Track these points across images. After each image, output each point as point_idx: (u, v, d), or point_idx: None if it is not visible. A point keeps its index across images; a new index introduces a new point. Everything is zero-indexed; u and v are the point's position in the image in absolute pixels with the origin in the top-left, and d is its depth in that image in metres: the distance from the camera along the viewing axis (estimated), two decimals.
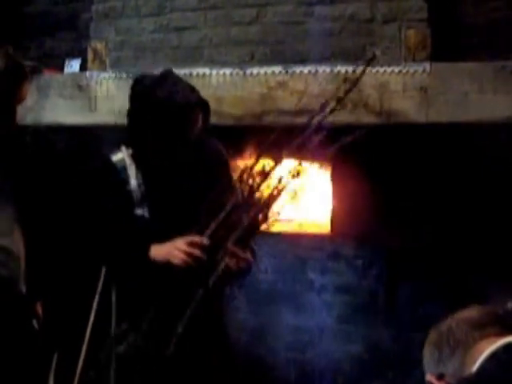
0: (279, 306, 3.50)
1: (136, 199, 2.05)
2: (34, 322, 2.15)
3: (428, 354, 1.28)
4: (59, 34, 3.89)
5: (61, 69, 3.48)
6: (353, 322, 3.40)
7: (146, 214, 2.05)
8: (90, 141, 3.40)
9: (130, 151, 2.09)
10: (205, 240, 1.96)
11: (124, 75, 3.10)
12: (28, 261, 2.12)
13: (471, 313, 1.29)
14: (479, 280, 3.07)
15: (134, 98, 2.07)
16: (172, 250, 1.98)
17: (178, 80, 2.08)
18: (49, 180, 3.54)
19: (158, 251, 2.01)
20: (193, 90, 2.06)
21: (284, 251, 3.34)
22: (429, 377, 1.26)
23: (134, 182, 2.06)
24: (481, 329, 1.23)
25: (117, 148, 2.11)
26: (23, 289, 2.07)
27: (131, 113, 2.09)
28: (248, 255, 2.04)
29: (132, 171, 2.07)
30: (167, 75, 2.07)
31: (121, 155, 2.09)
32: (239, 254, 2.00)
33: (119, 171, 2.07)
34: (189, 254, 1.95)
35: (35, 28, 3.90)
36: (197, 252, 1.95)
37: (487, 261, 3.03)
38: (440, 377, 1.23)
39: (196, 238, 1.97)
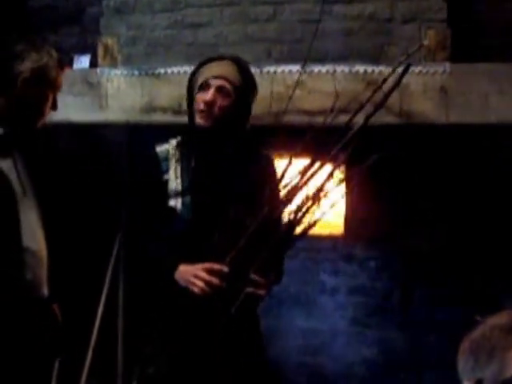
0: (291, 308, 3.56)
1: (170, 190, 2.10)
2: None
3: (462, 363, 1.34)
4: (63, 29, 3.93)
5: (68, 64, 3.52)
6: (366, 325, 3.47)
7: (179, 206, 2.09)
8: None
9: (178, 141, 2.18)
10: (224, 268, 1.99)
11: (136, 72, 3.12)
12: (50, 263, 2.16)
13: (502, 318, 1.37)
14: (496, 283, 3.16)
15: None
16: (191, 279, 2.01)
17: None
18: (69, 180, 3.60)
19: (182, 275, 2.05)
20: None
21: (296, 252, 3.41)
22: (466, 383, 1.33)
23: (171, 173, 2.12)
24: None
25: (170, 138, 2.20)
26: (46, 292, 2.08)
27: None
28: (270, 278, 2.07)
29: (172, 162, 2.14)
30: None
31: (166, 146, 2.17)
32: (260, 282, 2.02)
33: (160, 161, 2.15)
34: (208, 283, 1.99)
35: (39, 22, 3.94)
36: (216, 281, 1.98)
37: (504, 263, 3.11)
38: (478, 382, 1.31)
39: (216, 266, 2.00)
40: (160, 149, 2.18)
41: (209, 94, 2.04)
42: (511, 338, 1.31)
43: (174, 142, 2.19)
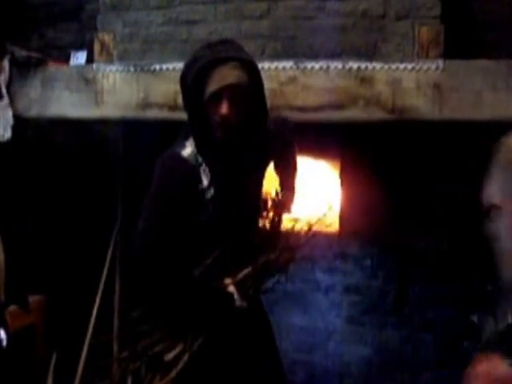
0: (286, 307, 3.61)
1: (205, 201, 2.04)
2: (1, 330, 2.17)
3: (499, 177, 1.28)
4: (62, 25, 4.01)
5: (64, 60, 3.59)
6: (361, 323, 3.52)
7: (210, 219, 2.05)
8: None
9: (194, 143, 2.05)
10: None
11: (131, 68, 3.20)
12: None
13: None
14: (491, 282, 3.18)
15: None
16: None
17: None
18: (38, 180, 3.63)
19: None
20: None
21: None
22: (499, 201, 1.28)
23: (205, 181, 2.04)
24: None
25: (183, 140, 2.07)
26: (2, 298, 2.11)
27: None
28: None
29: (203, 168, 2.04)
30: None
31: (190, 149, 2.05)
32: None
33: (192, 168, 2.03)
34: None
35: (37, 18, 4.02)
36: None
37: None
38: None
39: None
40: (186, 153, 2.06)
41: (223, 108, 1.99)
42: None
43: (191, 145, 2.08)
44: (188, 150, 2.05)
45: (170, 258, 1.97)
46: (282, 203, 2.31)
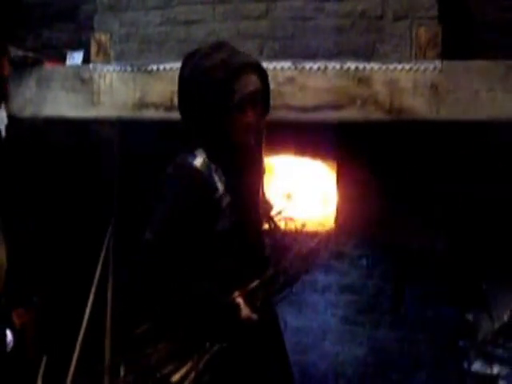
0: (282, 306, 3.59)
1: (222, 209, 1.99)
2: (8, 331, 2.18)
3: None
4: (58, 25, 4.00)
5: (60, 60, 3.57)
6: (357, 323, 3.52)
7: (227, 226, 2.00)
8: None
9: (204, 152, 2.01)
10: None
11: (128, 68, 3.19)
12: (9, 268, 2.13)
13: None
14: (486, 282, 3.20)
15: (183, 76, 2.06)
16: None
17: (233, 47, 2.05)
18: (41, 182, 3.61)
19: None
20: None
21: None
22: None
23: (221, 188, 1.99)
24: None
25: (191, 150, 2.01)
26: (2, 299, 2.11)
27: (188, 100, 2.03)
28: None
29: (218, 176, 2.00)
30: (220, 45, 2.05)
31: (201, 158, 1.99)
32: None
33: (206, 179, 1.98)
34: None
35: (33, 18, 4.00)
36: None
37: (495, 262, 3.16)
38: None
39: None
40: (198, 163, 1.99)
41: (250, 115, 1.98)
42: None
43: (201, 155, 2.01)
44: (199, 159, 1.99)
45: (178, 271, 1.93)
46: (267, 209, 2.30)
